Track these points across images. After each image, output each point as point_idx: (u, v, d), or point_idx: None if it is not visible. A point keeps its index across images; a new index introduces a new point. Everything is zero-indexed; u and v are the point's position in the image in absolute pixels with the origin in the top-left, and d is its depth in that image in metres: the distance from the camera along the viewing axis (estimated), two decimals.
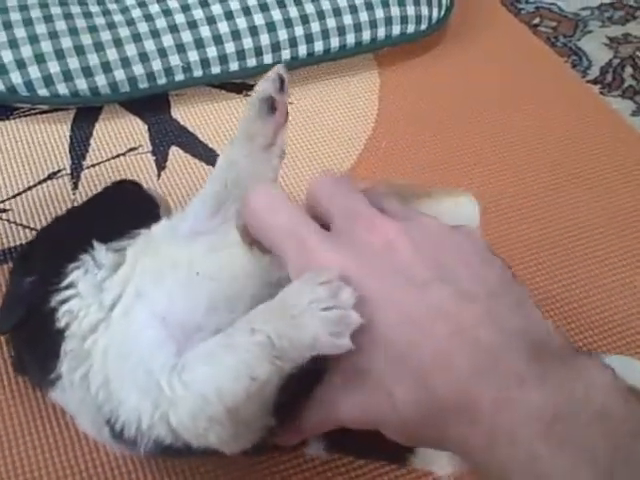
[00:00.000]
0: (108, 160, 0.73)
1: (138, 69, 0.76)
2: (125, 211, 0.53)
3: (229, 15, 0.79)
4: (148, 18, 0.77)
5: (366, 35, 0.84)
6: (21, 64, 0.72)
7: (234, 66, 0.79)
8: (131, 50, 0.75)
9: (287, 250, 0.39)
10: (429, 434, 0.36)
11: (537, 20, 1.00)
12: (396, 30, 0.85)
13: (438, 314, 0.35)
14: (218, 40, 0.78)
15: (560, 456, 0.31)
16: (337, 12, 0.82)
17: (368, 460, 0.54)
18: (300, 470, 0.54)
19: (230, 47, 0.78)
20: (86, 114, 0.77)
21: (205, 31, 0.78)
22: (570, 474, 0.31)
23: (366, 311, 0.36)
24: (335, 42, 0.82)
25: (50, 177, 0.71)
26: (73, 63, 0.73)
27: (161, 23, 0.77)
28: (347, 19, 0.82)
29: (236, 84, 0.82)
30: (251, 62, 0.80)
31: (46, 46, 0.73)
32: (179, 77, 0.78)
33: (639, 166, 0.80)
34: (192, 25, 0.78)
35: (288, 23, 0.80)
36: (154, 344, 0.43)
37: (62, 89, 0.74)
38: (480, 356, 0.34)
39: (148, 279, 0.46)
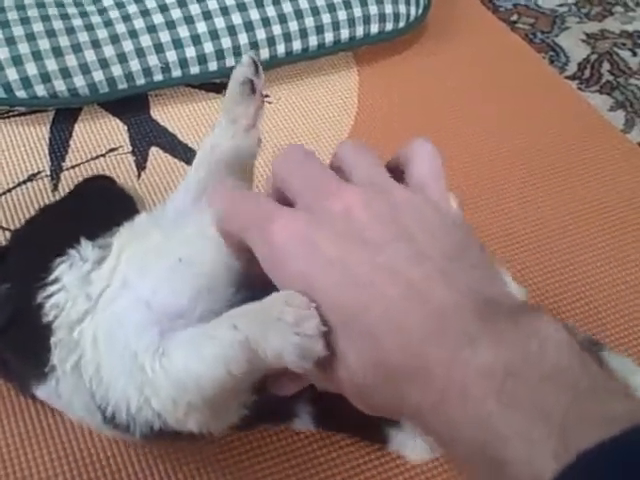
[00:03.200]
0: (88, 161, 0.73)
1: (117, 70, 0.76)
2: (102, 207, 0.54)
3: (207, 15, 0.79)
4: (126, 19, 0.77)
5: (344, 34, 0.84)
6: None
7: (213, 66, 0.79)
8: (109, 51, 0.75)
9: (252, 240, 0.38)
10: (384, 397, 0.35)
11: (515, 17, 1.01)
12: (374, 28, 0.86)
13: (389, 275, 0.35)
14: (197, 40, 0.78)
15: (512, 413, 0.30)
16: (315, 11, 0.82)
17: (353, 436, 0.55)
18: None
19: (209, 47, 0.79)
20: (65, 115, 0.77)
21: (183, 31, 0.78)
22: (523, 431, 0.30)
23: (317, 274, 0.36)
24: (313, 41, 0.83)
25: (30, 179, 0.71)
26: (51, 65, 0.73)
27: (139, 23, 0.77)
28: (325, 18, 0.83)
29: (215, 84, 0.82)
30: (230, 62, 0.80)
31: (24, 48, 0.73)
32: (158, 77, 0.78)
33: (616, 160, 0.81)
34: (170, 25, 0.78)
35: (266, 22, 0.80)
36: (138, 327, 0.43)
37: (40, 91, 0.73)
38: (431, 317, 0.34)
39: (133, 268, 0.46)
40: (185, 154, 0.75)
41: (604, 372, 0.32)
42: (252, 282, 0.42)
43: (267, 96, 0.82)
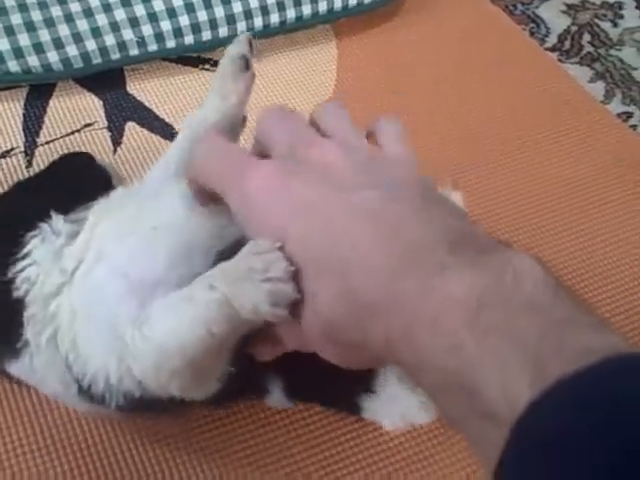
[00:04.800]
0: (63, 137, 0.72)
1: (91, 44, 0.75)
2: (77, 182, 0.53)
3: None
4: None
5: (322, 6, 0.83)
6: None
7: (189, 39, 0.78)
8: (83, 25, 0.74)
9: (225, 192, 0.39)
10: (351, 334, 0.35)
11: None
12: (353, 0, 0.85)
13: (361, 214, 0.35)
14: (172, 13, 0.77)
15: (486, 344, 0.30)
16: None
17: (327, 408, 0.56)
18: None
19: (184, 20, 0.77)
20: (39, 91, 0.75)
21: (159, 4, 0.77)
22: (497, 359, 0.29)
23: (289, 217, 0.36)
24: (291, 13, 0.82)
25: (3, 155, 0.70)
26: (24, 40, 0.72)
27: None
28: None
29: (192, 58, 0.81)
30: (206, 35, 0.79)
31: None
32: (133, 52, 0.77)
33: (595, 132, 0.81)
34: None
35: None
36: (116, 299, 0.43)
37: (13, 66, 0.72)
38: (402, 251, 0.34)
39: (108, 240, 0.46)
40: (162, 129, 0.74)
41: (581, 305, 0.32)
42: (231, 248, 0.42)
43: None
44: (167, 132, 0.74)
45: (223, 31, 0.79)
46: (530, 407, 0.28)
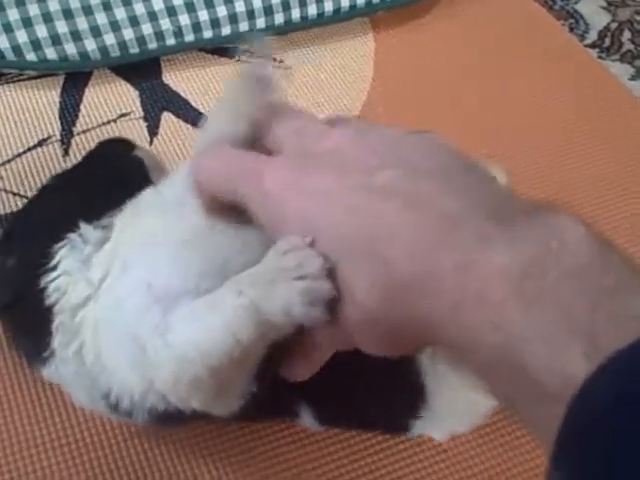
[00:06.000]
0: (99, 126, 0.72)
1: (128, 33, 0.74)
2: (113, 180, 0.52)
3: None
4: None
5: None
6: (8, 28, 0.70)
7: (226, 30, 0.77)
8: (121, 14, 0.74)
9: (245, 196, 0.37)
10: (393, 320, 0.33)
11: None
12: None
13: (386, 194, 0.33)
14: (210, 3, 0.76)
15: (534, 314, 0.28)
16: None
17: (364, 432, 0.54)
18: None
19: (222, 11, 0.77)
20: (75, 79, 0.75)
21: None
22: (547, 332, 0.28)
23: (314, 211, 0.35)
24: (329, 6, 0.81)
25: (40, 144, 0.69)
26: (62, 27, 0.72)
27: None
28: None
29: (228, 49, 0.80)
30: (243, 26, 0.78)
31: (34, 9, 0.71)
32: (170, 42, 0.76)
33: (637, 130, 0.79)
34: None
35: None
36: (140, 310, 0.41)
37: (51, 54, 0.72)
38: (436, 223, 0.32)
39: (134, 250, 0.45)
40: (198, 120, 0.74)
41: (629, 266, 0.30)
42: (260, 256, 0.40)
43: (282, 61, 0.80)
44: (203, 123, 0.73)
45: (260, 22, 0.78)
46: (587, 383, 0.26)
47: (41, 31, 0.71)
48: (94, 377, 0.43)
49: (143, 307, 0.41)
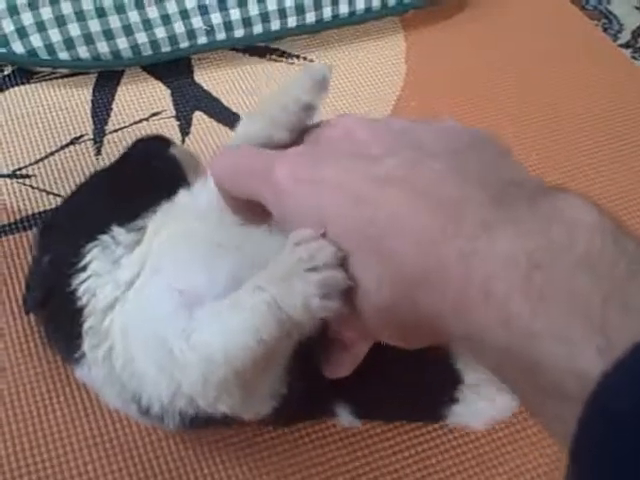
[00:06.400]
0: (131, 125, 0.72)
1: (160, 32, 0.74)
2: (148, 180, 0.52)
3: None
4: None
5: None
6: (41, 27, 0.71)
7: (258, 29, 0.77)
8: (153, 13, 0.74)
9: (259, 192, 0.37)
10: (405, 314, 0.32)
11: None
12: None
13: (387, 183, 0.33)
14: (242, 2, 0.76)
15: (543, 308, 0.27)
16: None
17: (403, 421, 0.53)
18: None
19: (254, 9, 0.76)
20: (108, 78, 0.75)
21: None
22: (558, 327, 0.26)
23: (324, 203, 0.34)
24: (361, 4, 0.80)
25: (73, 142, 0.69)
26: (94, 26, 0.72)
27: None
28: None
29: (260, 48, 0.80)
30: (275, 25, 0.78)
31: (67, 8, 0.71)
32: (202, 40, 0.76)
33: None
34: None
35: None
36: (168, 314, 0.42)
37: (83, 52, 0.72)
38: (439, 212, 0.31)
39: (165, 254, 0.45)
40: (229, 119, 0.73)
41: None
42: None
43: (312, 61, 0.80)
44: (234, 122, 0.73)
45: (292, 21, 0.78)
46: (603, 380, 0.24)
47: (74, 30, 0.71)
48: (124, 381, 0.44)
49: (172, 311, 0.41)
